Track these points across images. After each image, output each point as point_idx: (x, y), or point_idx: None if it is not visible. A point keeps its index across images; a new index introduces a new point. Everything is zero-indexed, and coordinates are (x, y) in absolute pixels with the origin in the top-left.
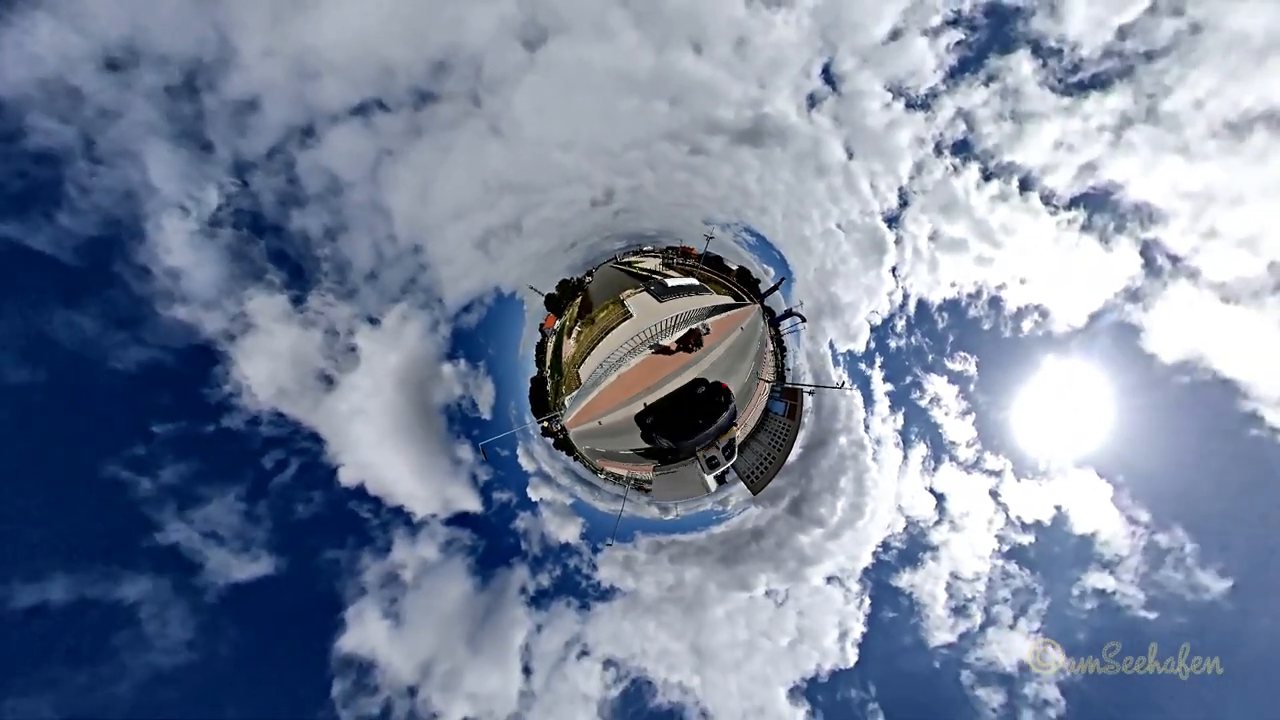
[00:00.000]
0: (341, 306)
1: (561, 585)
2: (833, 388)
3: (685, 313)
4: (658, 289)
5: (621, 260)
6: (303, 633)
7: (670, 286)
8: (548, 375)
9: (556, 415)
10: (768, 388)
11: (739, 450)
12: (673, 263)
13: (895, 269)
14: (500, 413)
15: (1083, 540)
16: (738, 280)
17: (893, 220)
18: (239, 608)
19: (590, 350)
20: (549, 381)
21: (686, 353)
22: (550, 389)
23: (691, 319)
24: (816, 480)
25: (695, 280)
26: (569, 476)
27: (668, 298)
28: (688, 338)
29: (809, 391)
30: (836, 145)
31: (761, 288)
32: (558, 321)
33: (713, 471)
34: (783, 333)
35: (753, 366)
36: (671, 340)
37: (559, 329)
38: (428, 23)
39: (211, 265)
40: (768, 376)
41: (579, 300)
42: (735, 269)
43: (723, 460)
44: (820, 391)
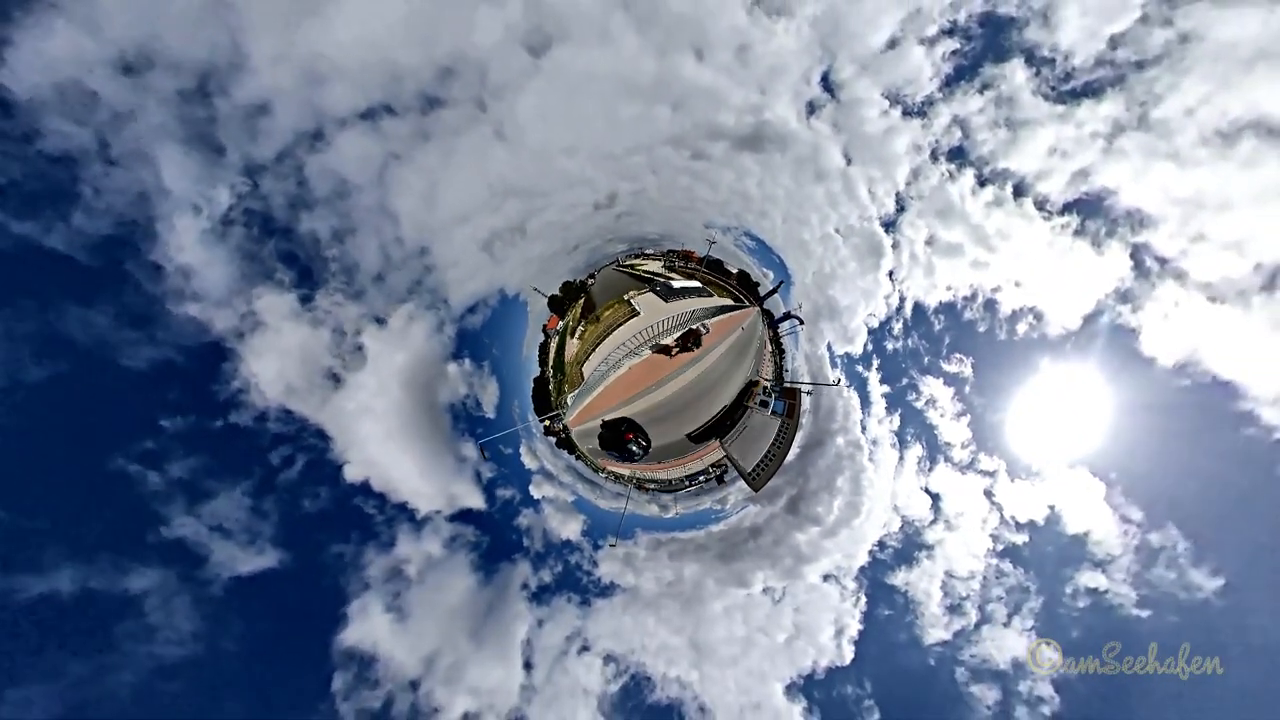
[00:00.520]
0: (349, 306)
1: (563, 581)
2: (829, 385)
3: (686, 313)
4: (664, 290)
5: (624, 263)
6: (305, 626)
7: (676, 288)
8: (551, 375)
9: (559, 414)
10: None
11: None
12: (674, 266)
13: (892, 273)
14: (504, 412)
15: (1076, 539)
16: (738, 283)
17: (890, 225)
18: (243, 600)
19: (593, 350)
20: (552, 381)
21: (687, 352)
22: (553, 388)
23: (692, 319)
24: (814, 479)
25: (698, 283)
26: (571, 474)
27: (674, 298)
28: (688, 337)
29: (806, 391)
30: (835, 151)
31: (761, 291)
32: (560, 322)
33: (769, 410)
34: (781, 335)
35: (753, 365)
36: (672, 340)
37: (562, 329)
38: (434, 29)
39: (222, 264)
40: (767, 376)
41: (582, 301)
42: (735, 272)
43: (773, 396)
44: (818, 393)
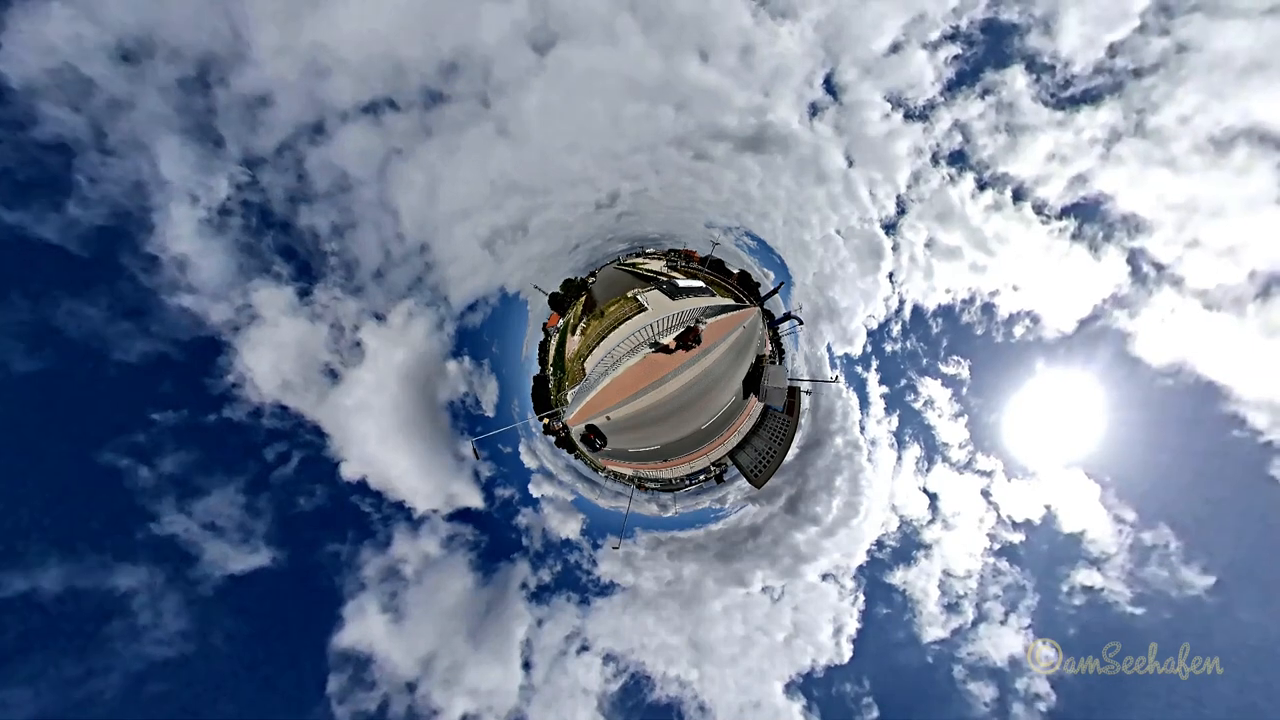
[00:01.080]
0: (348, 302)
1: (562, 580)
2: (826, 382)
3: (685, 312)
4: (670, 288)
5: (625, 262)
6: (300, 627)
7: (681, 287)
8: (550, 373)
9: (558, 412)
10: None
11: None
12: (675, 265)
13: (892, 275)
14: (503, 410)
15: (1071, 538)
16: (739, 284)
17: (890, 227)
18: (236, 600)
19: (594, 347)
20: (552, 379)
21: (686, 350)
22: (553, 386)
23: (691, 319)
24: (813, 479)
25: (700, 283)
26: (570, 473)
27: (679, 297)
28: (686, 336)
29: (806, 391)
30: (837, 153)
31: (762, 291)
32: (561, 320)
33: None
34: (781, 335)
35: (752, 364)
36: (671, 339)
37: (562, 327)
38: (440, 24)
39: (218, 255)
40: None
41: (583, 299)
42: (736, 273)
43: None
44: (817, 393)
